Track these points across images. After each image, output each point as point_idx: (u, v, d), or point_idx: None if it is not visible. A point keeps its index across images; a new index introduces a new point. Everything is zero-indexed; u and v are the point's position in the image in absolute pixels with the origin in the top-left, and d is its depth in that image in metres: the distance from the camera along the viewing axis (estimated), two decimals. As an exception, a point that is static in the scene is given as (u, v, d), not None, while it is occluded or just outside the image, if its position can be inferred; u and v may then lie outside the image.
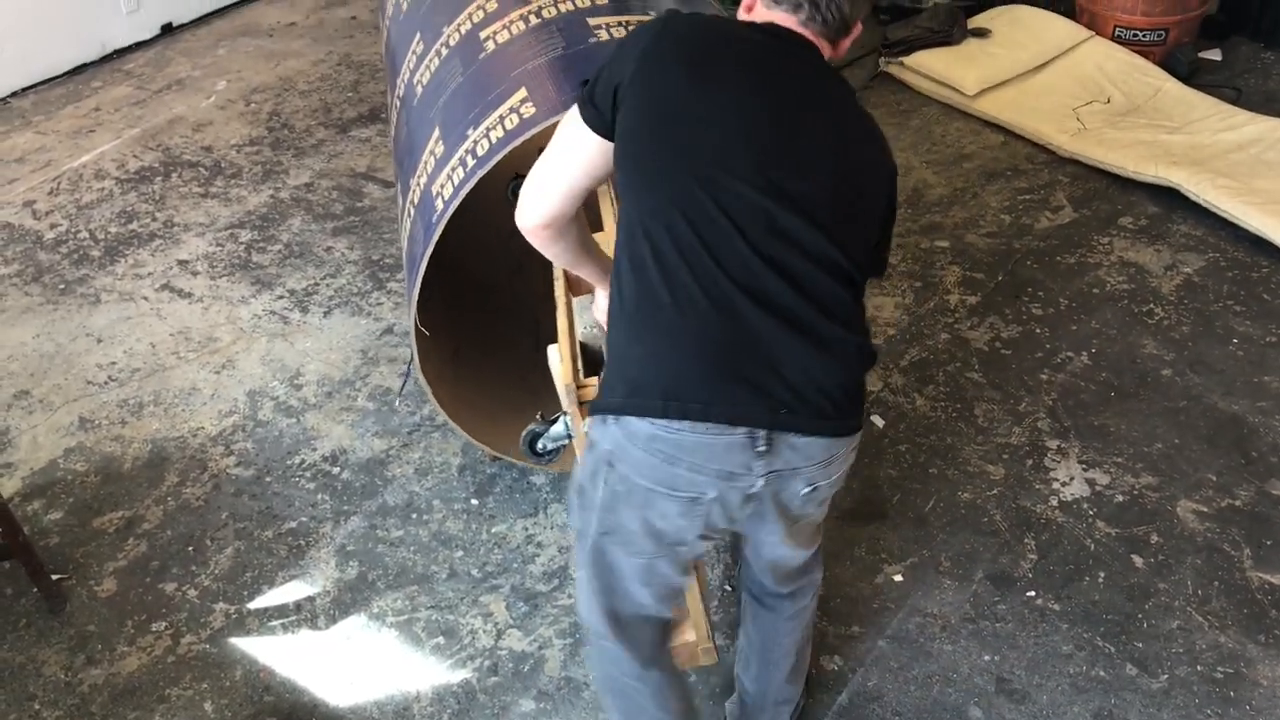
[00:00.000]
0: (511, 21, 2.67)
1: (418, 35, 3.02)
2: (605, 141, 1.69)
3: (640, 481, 1.68)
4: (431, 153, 2.64)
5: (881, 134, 1.77)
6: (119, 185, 4.19)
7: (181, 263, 3.76)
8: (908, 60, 4.58)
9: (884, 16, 5.06)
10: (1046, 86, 4.42)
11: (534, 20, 2.63)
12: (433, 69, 2.83)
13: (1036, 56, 4.52)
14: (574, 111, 1.73)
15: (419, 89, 2.86)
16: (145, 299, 3.61)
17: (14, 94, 4.81)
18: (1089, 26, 4.64)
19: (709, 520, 1.71)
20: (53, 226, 3.97)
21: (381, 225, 3.90)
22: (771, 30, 1.71)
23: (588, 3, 2.64)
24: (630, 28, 2.53)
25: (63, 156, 4.38)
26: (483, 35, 2.70)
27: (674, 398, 1.60)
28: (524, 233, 1.83)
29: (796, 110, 1.66)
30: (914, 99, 4.54)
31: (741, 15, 1.78)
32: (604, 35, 2.56)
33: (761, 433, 1.61)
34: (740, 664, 2.24)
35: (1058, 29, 4.63)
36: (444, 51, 2.82)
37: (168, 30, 5.30)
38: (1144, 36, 4.54)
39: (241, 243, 3.85)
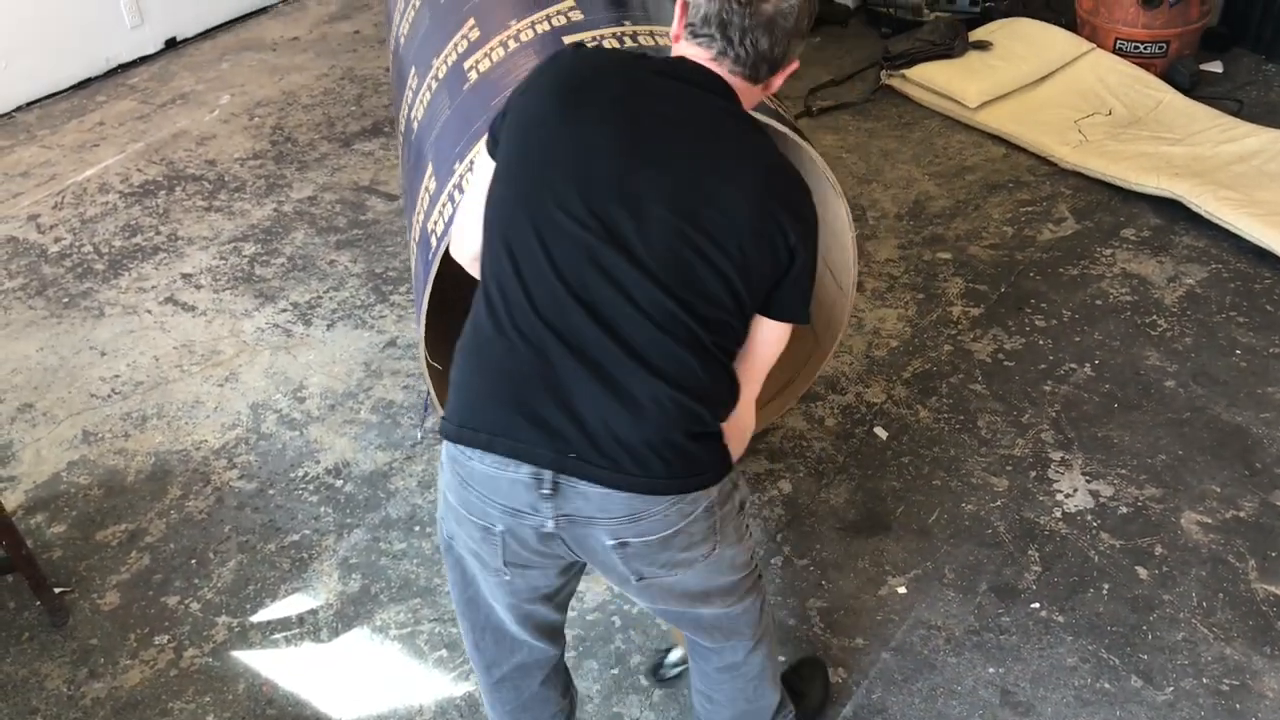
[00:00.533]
0: (492, 49, 2.65)
1: (413, 70, 3.01)
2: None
3: (451, 500, 1.70)
4: (426, 189, 2.62)
5: (790, 181, 1.65)
6: (123, 199, 4.20)
7: (185, 276, 3.77)
8: (909, 73, 4.59)
9: (885, 30, 5.08)
10: (1048, 99, 4.43)
11: (512, 45, 2.62)
12: (425, 103, 2.83)
13: (1038, 69, 4.52)
14: (480, 151, 1.72)
15: (415, 125, 2.86)
16: (149, 312, 3.62)
17: (19, 108, 4.82)
18: (1090, 39, 4.65)
19: (508, 552, 1.69)
20: (57, 240, 3.98)
21: (384, 238, 3.91)
22: (671, 67, 1.65)
23: (563, 20, 2.61)
24: (604, 41, 2.54)
25: (67, 170, 4.39)
26: (466, 66, 2.69)
27: (468, 425, 1.61)
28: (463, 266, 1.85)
29: (654, 149, 1.58)
30: (916, 111, 4.54)
31: (673, 50, 1.71)
32: None
33: (547, 474, 1.57)
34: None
35: (1059, 42, 4.64)
36: (434, 85, 2.82)
37: (171, 45, 5.31)
38: (1145, 49, 4.55)
39: (245, 256, 3.86)
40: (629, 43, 2.54)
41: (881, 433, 3.04)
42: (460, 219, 1.81)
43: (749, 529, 1.89)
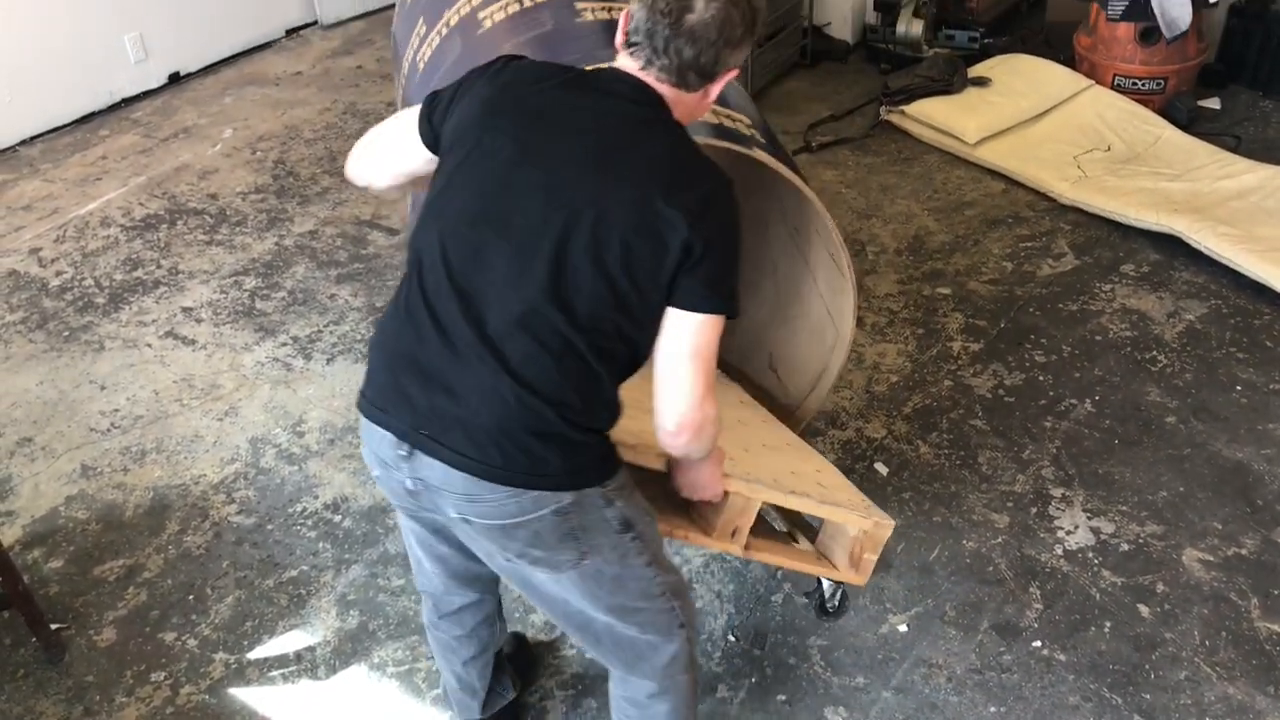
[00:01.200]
0: (507, 4, 2.81)
1: (421, 19, 3.17)
2: (425, 149, 1.83)
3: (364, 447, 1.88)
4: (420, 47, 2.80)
5: (689, 176, 1.68)
6: (124, 233, 4.21)
7: (185, 310, 3.77)
8: (908, 109, 4.62)
9: (884, 66, 5.11)
10: (1047, 134, 4.45)
11: (527, 3, 2.77)
12: (433, 46, 2.98)
13: (1036, 105, 4.55)
14: (415, 111, 1.84)
15: (420, 65, 3.00)
16: (149, 346, 3.62)
17: (23, 142, 4.85)
18: (1088, 75, 4.68)
19: (394, 496, 1.86)
20: (58, 274, 3.99)
21: (385, 272, 3.91)
22: (593, 78, 1.75)
23: None
24: (612, 12, 2.64)
25: (69, 204, 4.41)
26: (480, 15, 2.85)
27: (363, 390, 1.80)
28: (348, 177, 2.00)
29: (550, 153, 1.68)
30: (915, 147, 4.56)
31: (615, 59, 1.78)
32: (589, 16, 2.68)
33: (405, 442, 1.72)
34: None
35: (1057, 78, 4.67)
36: (444, 31, 2.97)
37: (175, 79, 5.35)
38: (1143, 85, 4.58)
39: (245, 290, 3.86)
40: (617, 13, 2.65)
41: (882, 468, 3.03)
42: (366, 146, 1.95)
43: (649, 560, 1.89)
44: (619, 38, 1.73)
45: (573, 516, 1.75)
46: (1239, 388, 3.25)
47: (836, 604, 2.61)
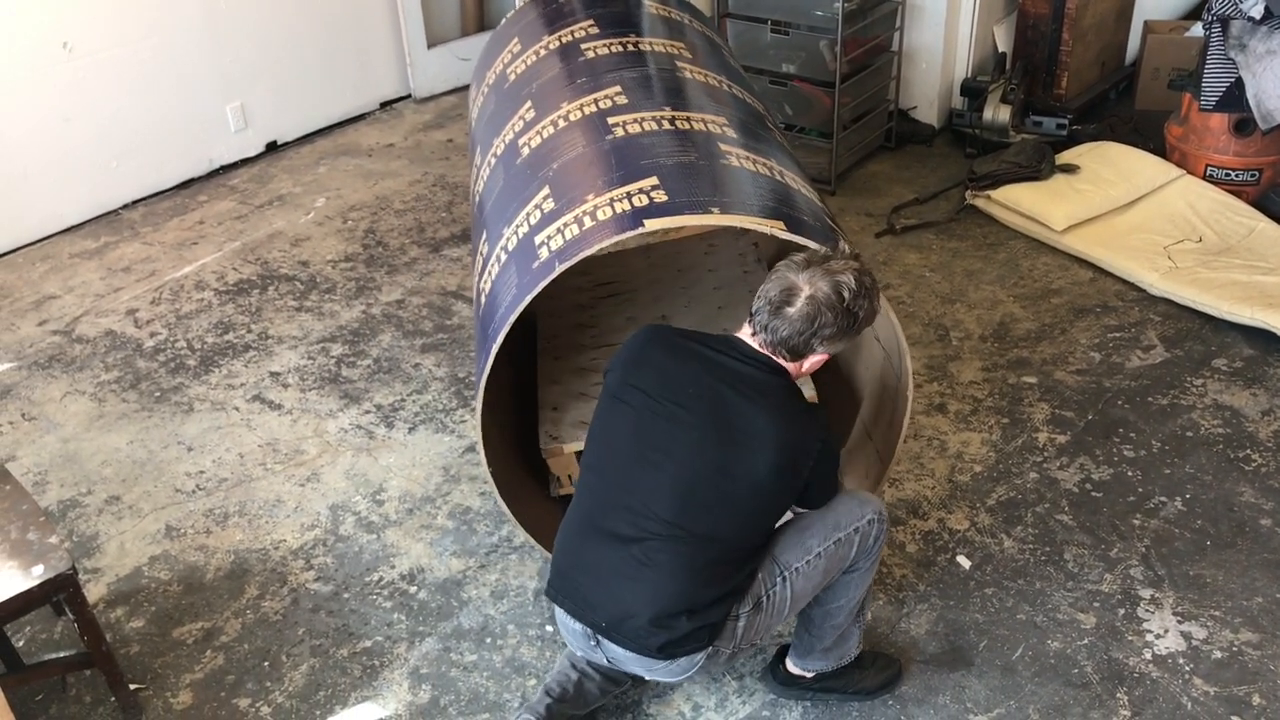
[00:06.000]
0: (543, 127, 2.94)
1: (478, 148, 3.30)
2: None
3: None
4: (480, 251, 2.88)
5: (789, 428, 2.18)
6: (218, 296, 4.33)
7: (273, 374, 3.85)
8: (995, 194, 4.59)
9: (970, 150, 5.10)
10: (1136, 224, 4.39)
11: (561, 124, 2.90)
12: (484, 178, 3.11)
13: (1126, 194, 4.50)
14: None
15: (476, 197, 3.14)
16: (236, 409, 3.69)
17: (125, 206, 5.02)
18: (1179, 165, 4.62)
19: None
20: (152, 335, 4.10)
21: (469, 343, 3.96)
22: (715, 343, 2.26)
23: (608, 103, 2.92)
24: (644, 124, 2.79)
25: (166, 267, 4.54)
26: (520, 143, 2.97)
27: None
28: None
29: (680, 409, 2.20)
30: (1001, 232, 4.53)
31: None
32: (620, 132, 2.77)
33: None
34: None
35: (1148, 167, 4.61)
36: (492, 161, 3.08)
37: (272, 148, 5.51)
38: (1237, 176, 4.51)
39: (332, 356, 3.93)
40: (667, 125, 2.78)
41: (965, 561, 2.97)
42: None
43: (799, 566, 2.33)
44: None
45: (721, 650, 2.30)
46: (1339, 491, 3.14)
47: None
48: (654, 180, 2.53)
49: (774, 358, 2.21)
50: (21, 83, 4.54)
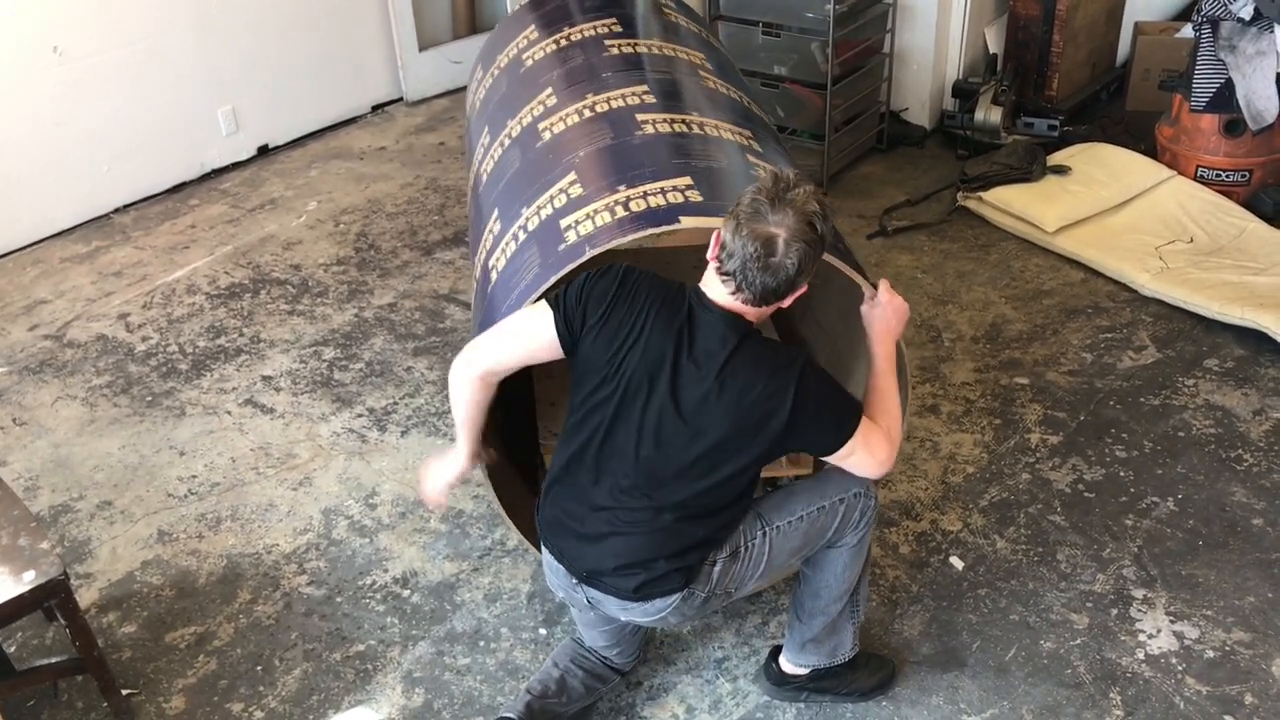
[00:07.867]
0: (567, 115, 2.95)
1: (485, 129, 3.30)
2: (557, 344, 2.21)
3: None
4: (490, 230, 2.89)
5: (770, 381, 2.09)
6: (209, 300, 4.32)
7: (265, 378, 3.84)
8: (986, 195, 4.60)
9: (962, 152, 5.11)
10: (1127, 225, 4.40)
11: (587, 114, 2.91)
12: (495, 158, 3.11)
13: (1117, 195, 4.51)
14: (540, 311, 2.22)
15: (484, 177, 3.14)
16: (228, 413, 3.68)
17: (116, 210, 5.01)
18: (1170, 166, 4.64)
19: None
20: (144, 339, 4.09)
21: (461, 346, 3.94)
22: (690, 301, 2.15)
23: (636, 100, 2.93)
24: (674, 125, 2.81)
25: (158, 271, 4.53)
26: (540, 127, 2.98)
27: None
28: (455, 370, 2.37)
29: (665, 361, 2.13)
30: (992, 233, 4.54)
31: (707, 270, 2.15)
32: (650, 130, 2.79)
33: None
34: None
35: (1139, 168, 4.62)
36: (506, 142, 3.08)
37: (264, 151, 5.50)
38: (1227, 177, 4.52)
39: (324, 360, 3.93)
40: (697, 130, 2.82)
41: (958, 562, 2.97)
42: (489, 340, 2.34)
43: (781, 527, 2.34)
44: (712, 251, 2.09)
45: (697, 591, 2.28)
46: (1330, 491, 3.15)
47: None
48: (688, 180, 2.56)
49: (740, 309, 2.11)
50: (12, 87, 4.52)
